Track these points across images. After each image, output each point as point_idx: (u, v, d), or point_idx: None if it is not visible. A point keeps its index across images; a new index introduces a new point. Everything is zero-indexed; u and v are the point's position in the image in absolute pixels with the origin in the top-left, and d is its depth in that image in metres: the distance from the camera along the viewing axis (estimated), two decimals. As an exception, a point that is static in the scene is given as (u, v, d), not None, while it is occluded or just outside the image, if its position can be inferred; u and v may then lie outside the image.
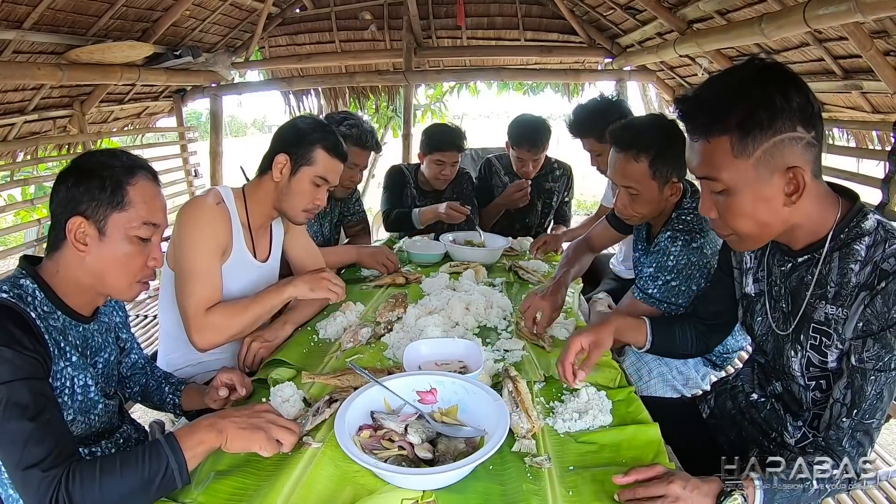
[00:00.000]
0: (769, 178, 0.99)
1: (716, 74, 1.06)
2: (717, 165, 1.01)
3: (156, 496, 0.96)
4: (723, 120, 0.98)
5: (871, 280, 1.01)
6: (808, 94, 0.98)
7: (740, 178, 0.99)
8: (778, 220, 1.04)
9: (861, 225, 1.04)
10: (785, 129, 0.96)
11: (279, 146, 1.66)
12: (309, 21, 4.62)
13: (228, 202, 1.62)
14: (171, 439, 0.98)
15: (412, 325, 1.65)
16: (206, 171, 4.68)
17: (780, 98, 0.95)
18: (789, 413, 1.24)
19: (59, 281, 1.11)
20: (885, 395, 1.01)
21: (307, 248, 1.94)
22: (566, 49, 4.46)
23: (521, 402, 1.19)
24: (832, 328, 1.07)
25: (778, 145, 0.97)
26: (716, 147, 1.00)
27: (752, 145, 0.97)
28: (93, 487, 0.91)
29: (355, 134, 2.33)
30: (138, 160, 1.17)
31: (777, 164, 0.97)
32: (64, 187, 1.10)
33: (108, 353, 1.25)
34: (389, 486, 0.98)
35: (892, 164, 2.18)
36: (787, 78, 0.98)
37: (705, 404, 1.48)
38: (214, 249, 1.55)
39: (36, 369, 0.99)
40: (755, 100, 0.96)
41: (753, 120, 0.96)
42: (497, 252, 2.41)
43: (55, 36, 2.80)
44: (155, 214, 1.14)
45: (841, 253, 1.05)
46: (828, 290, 1.07)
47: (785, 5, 2.25)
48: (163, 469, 0.95)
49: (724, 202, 1.04)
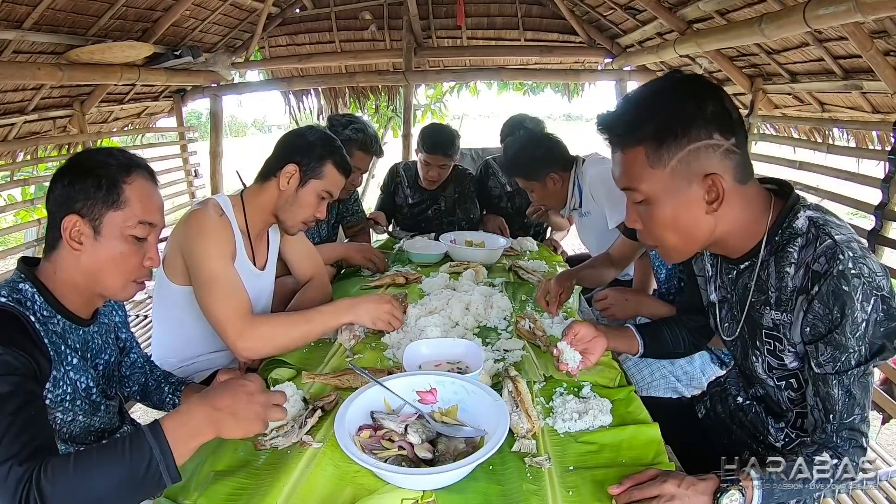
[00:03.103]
0: (687, 187, 0.99)
1: (635, 89, 1.07)
2: (634, 176, 1.02)
3: (142, 495, 0.87)
4: (636, 130, 1.00)
5: (806, 283, 1.00)
6: (725, 102, 0.98)
7: (658, 187, 1.00)
8: (702, 230, 1.04)
9: (793, 225, 1.03)
10: (700, 137, 0.97)
11: (288, 155, 1.64)
12: (309, 21, 4.62)
13: (228, 212, 1.61)
14: (156, 429, 0.88)
15: (412, 325, 1.65)
16: (206, 171, 4.67)
17: (692, 106, 0.97)
18: (770, 415, 1.24)
19: (57, 283, 1.10)
20: (857, 392, 0.99)
21: (305, 249, 1.95)
22: (566, 49, 4.46)
23: (521, 402, 1.19)
24: (781, 332, 1.07)
25: (693, 153, 0.97)
26: (632, 158, 1.01)
27: (667, 154, 0.98)
28: (66, 483, 0.82)
29: (360, 139, 2.34)
30: (135, 158, 1.16)
31: (694, 172, 0.98)
32: (59, 186, 1.09)
33: (109, 354, 1.25)
34: (389, 486, 0.98)
35: (892, 164, 2.18)
36: (704, 87, 1.00)
37: (701, 405, 1.49)
38: (228, 256, 1.54)
39: (27, 369, 0.96)
40: (668, 109, 0.98)
41: (666, 129, 0.97)
42: (497, 252, 2.41)
43: (55, 36, 2.79)
44: (151, 213, 1.13)
45: (777, 257, 1.05)
46: (769, 295, 1.07)
47: (785, 5, 2.25)
48: (146, 462, 0.85)
49: (645, 213, 1.05)
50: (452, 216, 2.99)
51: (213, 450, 1.12)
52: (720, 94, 1.00)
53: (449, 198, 2.93)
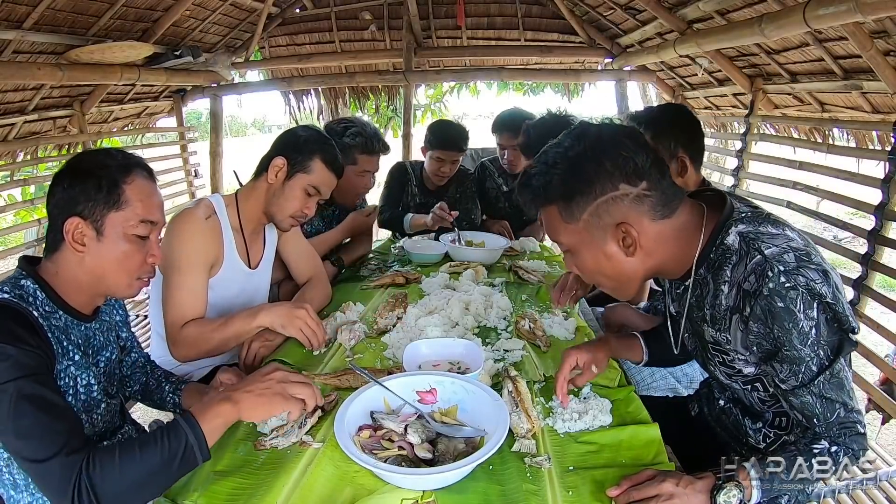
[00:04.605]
0: (603, 236, 1.03)
1: (540, 152, 1.10)
2: (553, 230, 1.09)
3: (177, 475, 0.96)
4: (544, 195, 1.06)
5: (738, 303, 1.01)
6: (628, 151, 1.00)
7: (576, 240, 1.06)
8: (629, 270, 1.07)
9: (724, 242, 1.04)
10: (606, 190, 1.00)
11: (278, 150, 1.67)
12: (309, 21, 4.62)
13: (220, 212, 1.62)
14: (188, 416, 0.98)
15: (412, 325, 1.65)
16: (206, 171, 4.67)
17: (592, 166, 1.00)
18: (748, 416, 1.25)
19: (60, 281, 1.11)
20: (831, 394, 0.98)
21: (303, 248, 1.95)
22: (566, 49, 4.46)
23: (520, 402, 1.19)
24: (724, 347, 1.09)
25: (602, 206, 1.01)
26: (548, 216, 1.08)
27: (577, 211, 1.03)
28: (112, 470, 0.91)
29: (361, 143, 2.28)
30: (133, 158, 1.17)
31: (606, 222, 1.02)
32: (60, 188, 1.09)
33: (110, 351, 1.25)
34: (389, 486, 0.98)
35: (892, 164, 2.18)
36: (605, 140, 1.02)
37: (696, 404, 1.49)
38: (201, 264, 1.56)
39: (40, 364, 0.99)
40: (569, 171, 1.02)
41: (571, 189, 1.02)
42: (497, 252, 2.41)
43: (55, 36, 2.79)
44: (152, 212, 1.14)
45: (713, 275, 1.06)
46: (705, 312, 1.09)
47: (785, 5, 2.25)
48: (182, 446, 0.94)
49: (573, 261, 1.10)
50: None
51: (214, 450, 1.12)
52: (623, 142, 1.02)
53: (452, 198, 2.93)
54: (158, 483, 0.95)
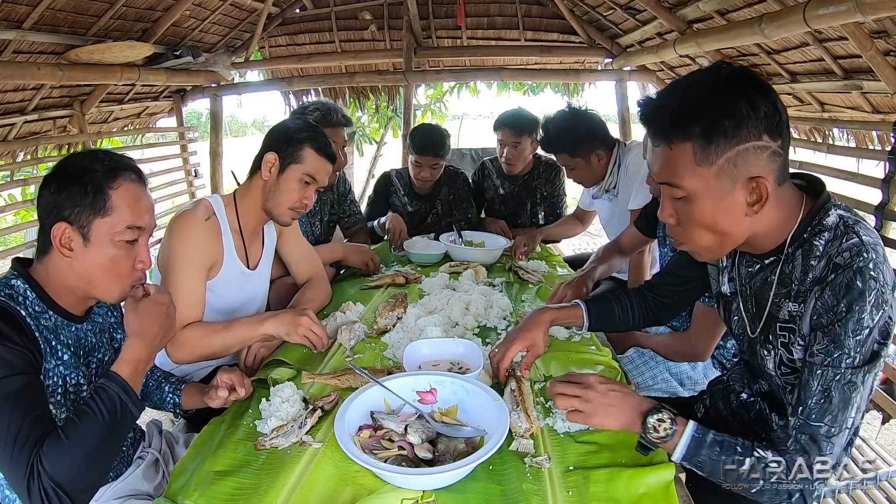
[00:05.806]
0: (731, 188, 0.97)
1: (681, 78, 1.03)
2: (678, 172, 0.99)
3: (122, 433, 1.02)
4: (686, 127, 0.96)
5: (824, 274, 0.98)
6: (777, 103, 0.96)
7: (702, 185, 0.97)
8: (738, 231, 1.02)
9: (823, 222, 1.02)
10: (750, 137, 0.94)
11: (268, 146, 1.67)
12: (309, 21, 4.62)
13: (219, 213, 1.62)
14: (111, 376, 1.02)
15: (412, 325, 1.65)
16: (206, 171, 4.68)
17: (746, 106, 0.93)
18: (775, 411, 1.22)
19: (50, 282, 1.11)
20: (834, 396, 0.96)
21: (302, 248, 1.94)
22: (566, 49, 4.46)
23: (521, 402, 1.19)
24: (795, 324, 1.06)
25: (742, 154, 0.95)
26: (678, 153, 0.97)
27: (716, 153, 0.95)
28: (61, 448, 0.93)
29: (319, 117, 2.31)
30: (122, 161, 1.14)
31: (740, 173, 0.96)
32: (47, 192, 1.08)
33: (102, 353, 1.25)
34: (389, 487, 0.98)
35: (892, 164, 2.18)
36: (755, 85, 0.96)
37: (700, 403, 1.48)
38: (200, 266, 1.56)
39: (26, 363, 0.99)
40: (720, 107, 0.94)
41: (718, 128, 0.93)
42: (497, 252, 2.41)
43: (55, 36, 2.79)
44: (139, 217, 1.12)
45: (803, 250, 1.03)
46: (791, 288, 1.06)
47: (785, 5, 2.25)
48: (117, 403, 0.99)
49: (684, 210, 1.02)
50: (451, 218, 2.98)
51: (214, 450, 1.12)
52: (772, 92, 0.97)
53: (445, 200, 2.93)
54: (108, 449, 0.99)
